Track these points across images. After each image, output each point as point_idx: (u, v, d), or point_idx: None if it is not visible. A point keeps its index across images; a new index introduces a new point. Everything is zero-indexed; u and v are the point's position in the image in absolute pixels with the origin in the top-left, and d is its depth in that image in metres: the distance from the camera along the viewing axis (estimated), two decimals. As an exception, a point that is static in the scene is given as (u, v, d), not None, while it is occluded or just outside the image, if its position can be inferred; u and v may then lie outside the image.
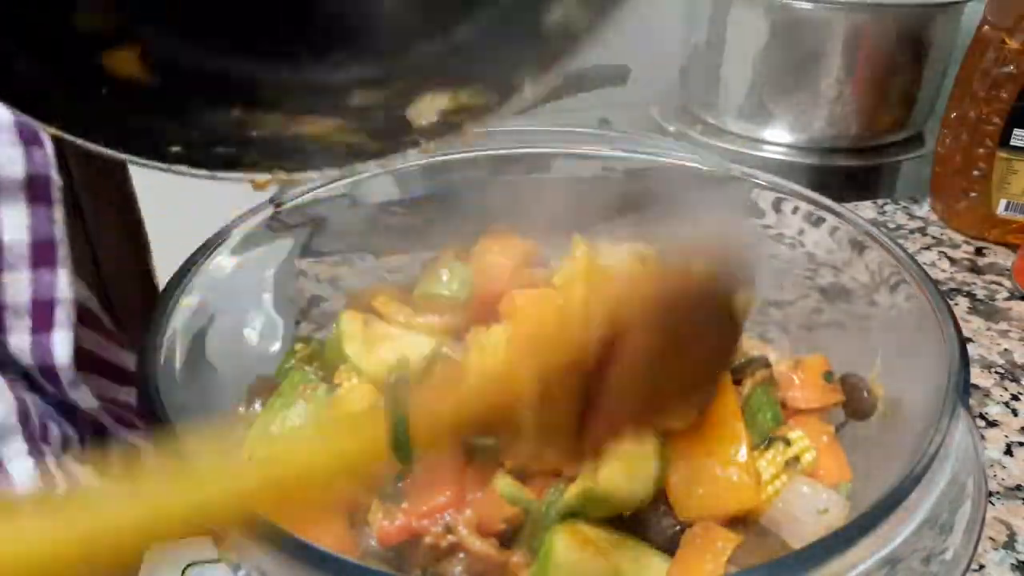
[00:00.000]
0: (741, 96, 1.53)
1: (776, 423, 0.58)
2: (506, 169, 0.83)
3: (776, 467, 0.56)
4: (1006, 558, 0.73)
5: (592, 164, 0.85)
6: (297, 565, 0.42)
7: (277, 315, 0.71)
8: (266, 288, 0.70)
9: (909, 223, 1.29)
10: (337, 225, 0.75)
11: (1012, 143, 1.15)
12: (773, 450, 0.56)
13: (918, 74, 1.48)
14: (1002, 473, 0.82)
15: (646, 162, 0.83)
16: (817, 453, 0.57)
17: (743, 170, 0.79)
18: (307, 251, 0.74)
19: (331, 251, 0.77)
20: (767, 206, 0.77)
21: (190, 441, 0.45)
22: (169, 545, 0.78)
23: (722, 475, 0.53)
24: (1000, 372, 0.96)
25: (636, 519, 0.53)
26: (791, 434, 0.57)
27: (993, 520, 0.76)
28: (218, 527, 0.40)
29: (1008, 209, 1.19)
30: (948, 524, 0.47)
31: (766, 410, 0.58)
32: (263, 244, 0.70)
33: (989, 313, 1.07)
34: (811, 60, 1.43)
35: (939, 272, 1.16)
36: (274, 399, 0.60)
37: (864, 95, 1.46)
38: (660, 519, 0.53)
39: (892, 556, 0.44)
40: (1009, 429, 0.88)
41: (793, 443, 0.57)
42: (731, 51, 1.51)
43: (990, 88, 1.14)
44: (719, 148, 1.52)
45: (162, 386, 0.53)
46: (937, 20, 1.43)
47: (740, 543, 0.50)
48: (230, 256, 0.66)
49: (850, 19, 1.38)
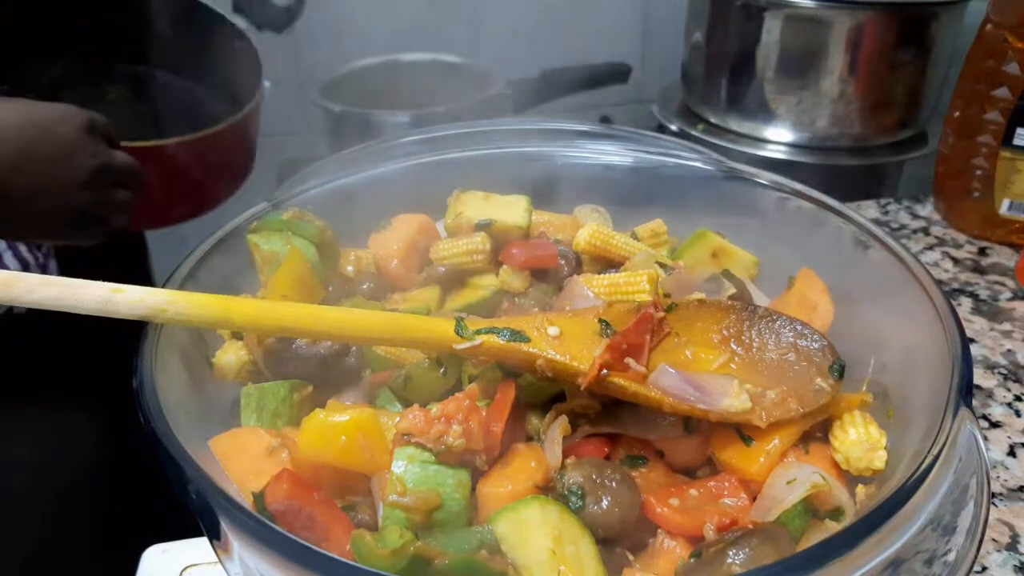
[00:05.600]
0: (743, 95, 1.52)
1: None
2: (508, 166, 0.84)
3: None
4: (1009, 560, 0.72)
5: (594, 162, 0.85)
6: (297, 565, 0.42)
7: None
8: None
9: (912, 223, 1.28)
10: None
11: (1015, 142, 1.15)
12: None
13: (921, 73, 1.47)
14: (1005, 474, 0.82)
15: (648, 161, 0.83)
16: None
17: (745, 169, 0.79)
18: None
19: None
20: (769, 205, 0.77)
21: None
22: (167, 547, 0.78)
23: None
24: (1003, 373, 0.96)
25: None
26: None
27: (996, 522, 0.76)
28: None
29: (1011, 209, 1.19)
30: (951, 525, 0.47)
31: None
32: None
33: (992, 313, 1.06)
34: (813, 59, 1.42)
35: (942, 272, 1.15)
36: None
37: (866, 94, 1.45)
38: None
39: (895, 557, 0.44)
40: (1012, 430, 0.87)
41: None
42: (733, 50, 1.51)
43: (993, 87, 1.14)
44: (721, 147, 1.52)
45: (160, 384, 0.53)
46: (940, 19, 1.42)
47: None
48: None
49: (853, 18, 1.38)
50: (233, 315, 0.55)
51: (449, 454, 0.53)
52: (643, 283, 0.66)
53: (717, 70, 1.56)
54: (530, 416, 0.62)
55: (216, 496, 0.45)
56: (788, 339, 0.63)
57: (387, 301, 0.75)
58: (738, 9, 1.46)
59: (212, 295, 0.56)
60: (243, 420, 0.62)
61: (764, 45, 1.45)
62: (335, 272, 0.76)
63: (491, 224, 0.75)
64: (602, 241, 0.73)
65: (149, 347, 0.56)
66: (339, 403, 0.64)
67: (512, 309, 0.71)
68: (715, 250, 0.78)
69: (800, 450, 0.59)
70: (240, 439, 0.58)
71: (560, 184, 0.84)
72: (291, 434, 0.59)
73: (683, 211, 0.82)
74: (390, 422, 0.59)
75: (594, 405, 0.60)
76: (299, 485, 0.52)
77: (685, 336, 0.62)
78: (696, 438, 0.60)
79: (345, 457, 0.55)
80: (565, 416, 0.59)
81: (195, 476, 0.47)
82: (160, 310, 0.53)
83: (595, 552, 0.52)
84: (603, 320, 0.61)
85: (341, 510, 0.54)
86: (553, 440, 0.58)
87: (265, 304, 0.58)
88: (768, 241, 0.78)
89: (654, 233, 0.79)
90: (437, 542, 0.49)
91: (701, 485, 0.59)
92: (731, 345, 0.62)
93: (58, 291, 0.51)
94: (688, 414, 0.58)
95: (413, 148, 0.83)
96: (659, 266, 0.71)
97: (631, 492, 0.55)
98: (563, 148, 0.85)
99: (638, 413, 0.60)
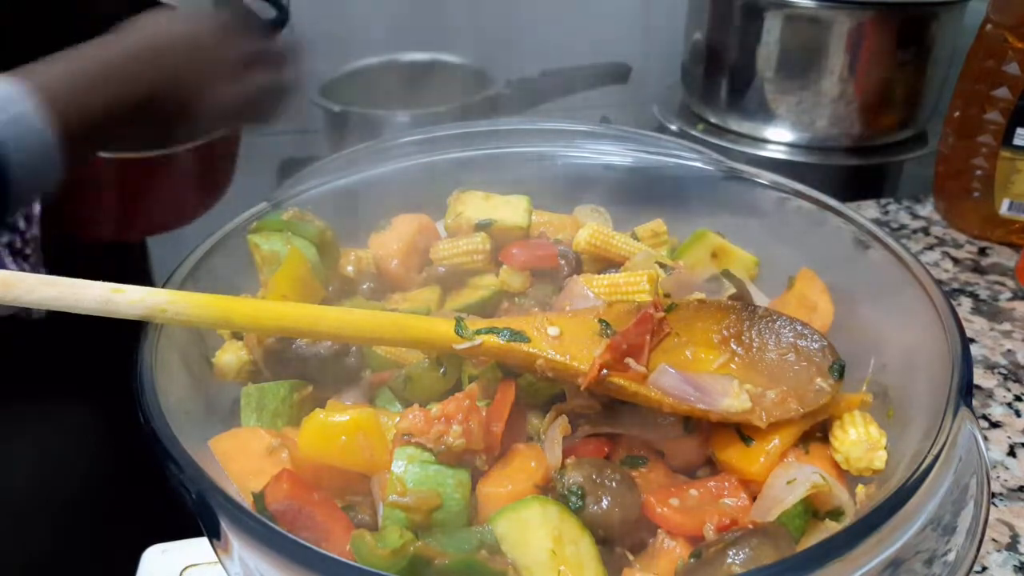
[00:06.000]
0: (743, 95, 1.52)
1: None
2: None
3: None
4: (1009, 560, 0.72)
5: (594, 162, 0.85)
6: (297, 565, 0.42)
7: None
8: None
9: (912, 223, 1.28)
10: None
11: (1015, 142, 1.15)
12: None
13: (921, 73, 1.47)
14: (1005, 474, 0.82)
15: (648, 161, 0.83)
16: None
17: (745, 169, 0.79)
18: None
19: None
20: (769, 205, 0.77)
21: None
22: (167, 547, 0.78)
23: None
24: (1003, 373, 0.96)
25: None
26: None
27: (996, 522, 0.76)
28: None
29: (1011, 209, 1.19)
30: (951, 526, 0.47)
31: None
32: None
33: (992, 313, 1.06)
34: (813, 59, 1.42)
35: (942, 272, 1.15)
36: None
37: (866, 94, 1.45)
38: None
39: (894, 557, 0.44)
40: (1012, 430, 0.87)
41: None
42: (733, 50, 1.51)
43: (993, 87, 1.14)
44: (721, 147, 1.52)
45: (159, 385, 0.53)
46: (940, 19, 1.42)
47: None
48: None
49: (852, 18, 1.38)
50: (233, 315, 0.55)
51: (449, 454, 0.53)
52: (643, 283, 0.66)
53: (717, 70, 1.56)
54: (530, 416, 0.62)
55: (216, 496, 0.45)
56: (788, 339, 0.63)
57: (387, 301, 0.75)
58: (738, 9, 1.46)
59: (212, 295, 0.56)
60: (243, 420, 0.62)
61: (764, 45, 1.45)
62: (335, 272, 0.76)
63: (491, 224, 0.76)
64: (602, 241, 0.74)
65: (149, 347, 0.56)
66: (339, 403, 0.64)
67: (512, 309, 0.71)
68: (715, 250, 0.78)
69: (800, 450, 0.59)
70: (240, 439, 0.58)
71: (560, 184, 0.84)
72: (291, 434, 0.59)
73: (683, 211, 0.82)
74: (390, 422, 0.59)
75: (594, 405, 0.60)
76: (299, 485, 0.52)
77: (685, 336, 0.62)
78: (696, 438, 0.60)
79: (345, 457, 0.55)
80: (565, 416, 0.59)
81: (195, 476, 0.47)
82: (160, 310, 0.53)
83: (595, 552, 0.52)
84: (603, 320, 0.61)
85: (341, 510, 0.54)
86: (553, 440, 0.58)
87: (265, 304, 0.58)
88: (768, 241, 0.78)
89: (654, 233, 0.80)
90: (437, 542, 0.49)
91: (701, 485, 0.59)
92: (731, 345, 0.62)
93: (58, 291, 0.51)
94: (688, 414, 0.58)
95: (413, 148, 0.83)
96: (659, 266, 0.71)
97: (631, 492, 0.55)
98: (563, 148, 0.85)
99: (638, 413, 0.60)
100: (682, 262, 0.76)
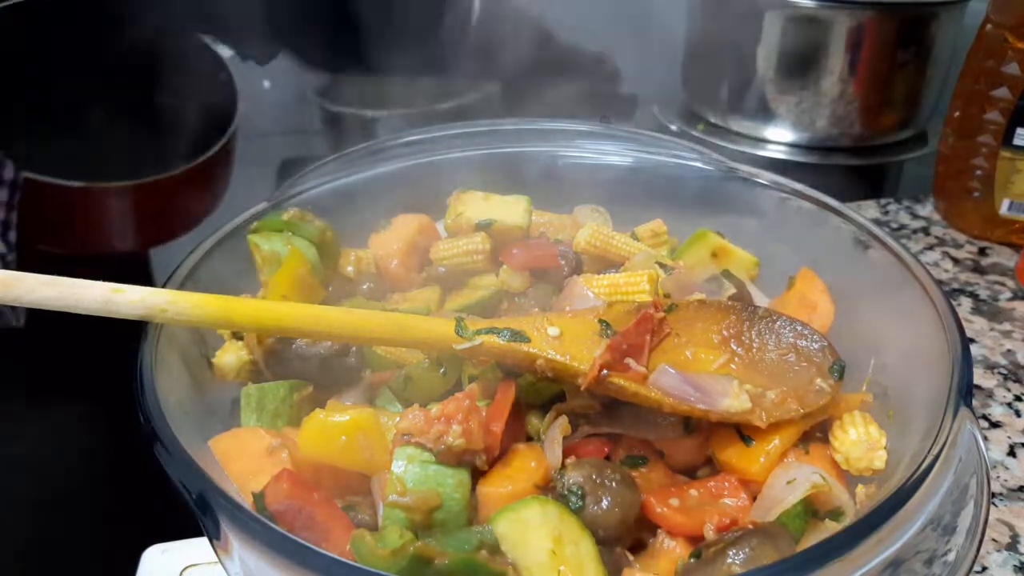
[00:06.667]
0: (743, 95, 1.52)
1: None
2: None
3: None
4: (1009, 560, 0.72)
5: (594, 162, 0.85)
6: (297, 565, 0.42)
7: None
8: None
9: (912, 223, 1.28)
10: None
11: (1015, 142, 1.15)
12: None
13: (921, 73, 1.47)
14: (1005, 474, 0.82)
15: (648, 161, 0.83)
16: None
17: (745, 169, 0.79)
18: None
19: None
20: (769, 205, 0.77)
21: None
22: (167, 547, 0.78)
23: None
24: (1003, 373, 0.96)
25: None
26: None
27: (996, 522, 0.76)
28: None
29: (1011, 209, 1.19)
30: (951, 526, 0.47)
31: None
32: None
33: (992, 313, 1.06)
34: (813, 59, 1.42)
35: (942, 272, 1.15)
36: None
37: (866, 94, 1.45)
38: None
39: (895, 557, 0.44)
40: (1012, 430, 0.87)
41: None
42: (733, 50, 1.51)
43: (993, 87, 1.14)
44: (721, 147, 1.52)
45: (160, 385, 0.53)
46: (940, 19, 1.42)
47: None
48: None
49: (853, 18, 1.38)
50: (233, 315, 0.55)
51: (449, 454, 0.53)
52: (643, 283, 0.66)
53: (717, 70, 1.56)
54: (530, 416, 0.62)
55: (216, 496, 0.45)
56: (788, 339, 0.63)
57: (387, 301, 0.75)
58: (738, 9, 1.47)
59: (212, 295, 0.56)
60: (243, 420, 0.62)
61: (764, 45, 1.45)
62: (335, 272, 0.76)
63: (491, 224, 0.76)
64: (602, 241, 0.74)
65: (149, 347, 0.56)
66: (339, 403, 0.64)
67: (512, 309, 0.71)
68: (715, 250, 0.78)
69: (800, 450, 0.59)
70: (240, 439, 0.58)
71: (560, 184, 0.84)
72: (291, 434, 0.59)
73: (683, 211, 0.82)
74: (390, 422, 0.59)
75: (594, 405, 0.60)
76: (299, 485, 0.52)
77: (685, 336, 0.62)
78: (696, 438, 0.60)
79: (345, 457, 0.55)
80: (565, 416, 0.59)
81: (195, 476, 0.47)
82: (160, 310, 0.53)
83: (595, 552, 0.52)
84: (603, 320, 0.61)
85: (341, 510, 0.54)
86: (553, 440, 0.58)
87: (265, 304, 0.58)
88: (768, 241, 0.78)
89: (654, 233, 0.79)
90: (437, 542, 0.49)
91: (701, 485, 0.59)
92: (731, 345, 0.62)
93: (58, 291, 0.51)
94: (688, 414, 0.58)
95: (413, 148, 0.83)
96: (659, 266, 0.71)
97: (631, 492, 0.55)
98: (563, 148, 0.85)
99: (638, 413, 0.60)
100: (682, 262, 0.76)
